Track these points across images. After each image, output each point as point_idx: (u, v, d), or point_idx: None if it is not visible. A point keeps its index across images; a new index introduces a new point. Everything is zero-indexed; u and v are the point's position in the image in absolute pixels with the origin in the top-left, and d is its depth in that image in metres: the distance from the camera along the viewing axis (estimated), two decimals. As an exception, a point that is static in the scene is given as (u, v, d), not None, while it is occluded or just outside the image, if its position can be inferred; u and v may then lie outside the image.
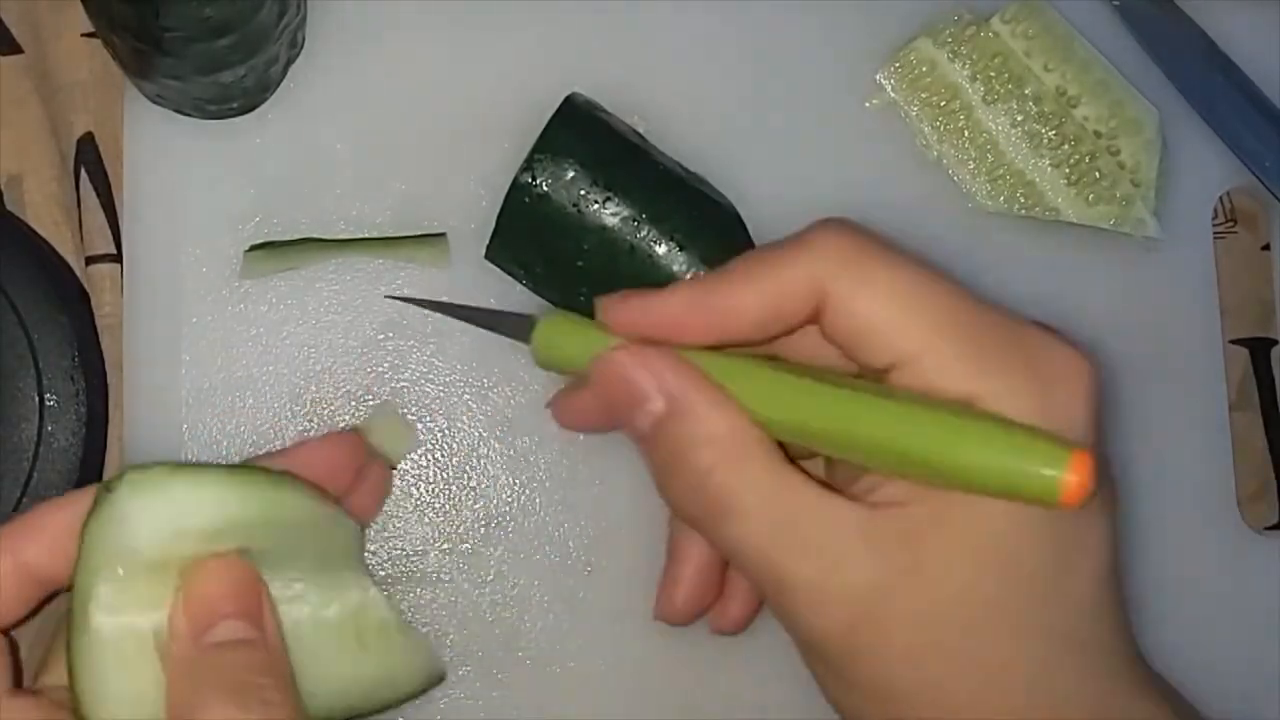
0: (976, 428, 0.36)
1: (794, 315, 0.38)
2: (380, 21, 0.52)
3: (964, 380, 0.36)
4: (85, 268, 0.51)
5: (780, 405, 0.38)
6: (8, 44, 0.53)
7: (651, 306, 0.39)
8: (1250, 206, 0.57)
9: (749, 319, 0.38)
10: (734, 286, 0.38)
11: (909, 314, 0.37)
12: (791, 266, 0.38)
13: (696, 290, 0.39)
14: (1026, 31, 0.53)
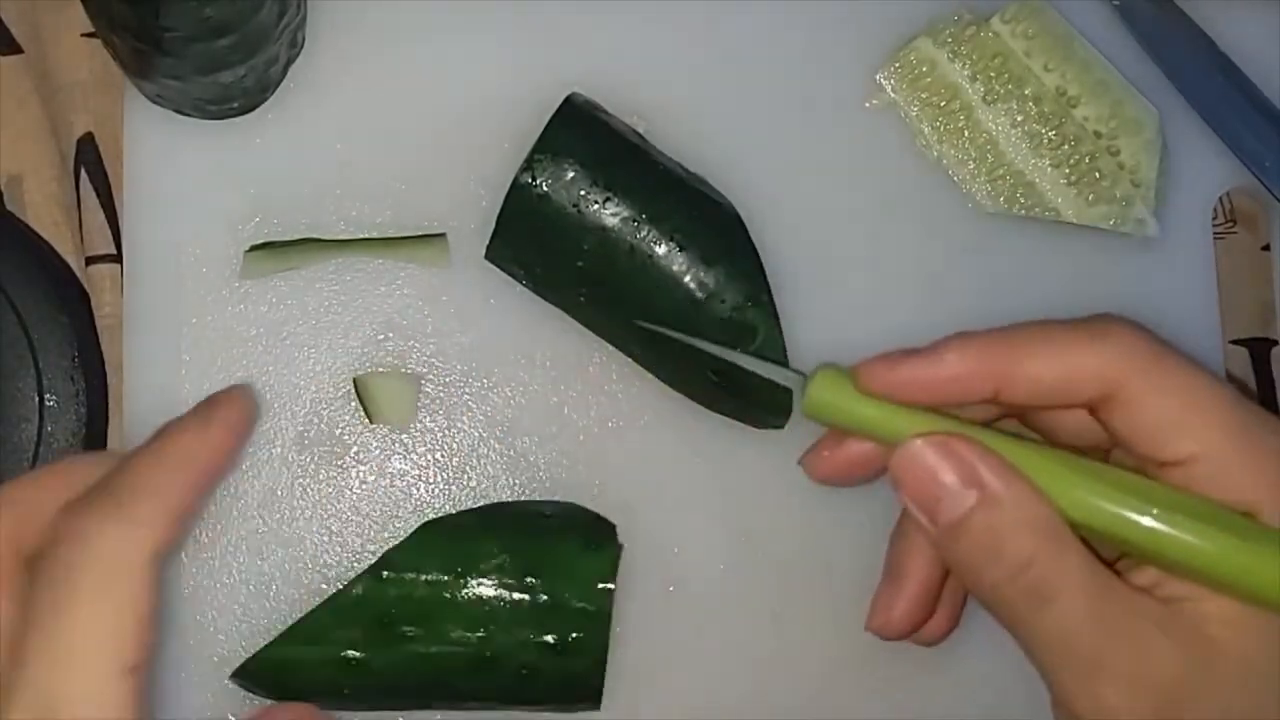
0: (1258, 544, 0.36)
1: (1077, 396, 0.39)
2: (380, 21, 0.52)
3: (1244, 489, 0.38)
4: (85, 268, 0.51)
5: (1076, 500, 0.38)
6: (8, 44, 0.53)
7: (935, 365, 0.39)
8: (1250, 206, 0.57)
9: (1033, 389, 0.39)
10: (1029, 354, 0.39)
11: (1200, 417, 0.38)
12: (1089, 351, 0.38)
13: (985, 349, 0.39)
14: (1026, 31, 0.53)
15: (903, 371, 0.39)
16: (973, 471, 0.38)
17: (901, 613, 0.43)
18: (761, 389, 0.49)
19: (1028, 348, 0.39)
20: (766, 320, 0.49)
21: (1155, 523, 0.37)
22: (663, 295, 0.48)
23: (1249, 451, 0.38)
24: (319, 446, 0.50)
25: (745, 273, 0.49)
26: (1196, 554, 0.37)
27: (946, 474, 0.38)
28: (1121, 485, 0.38)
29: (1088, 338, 0.39)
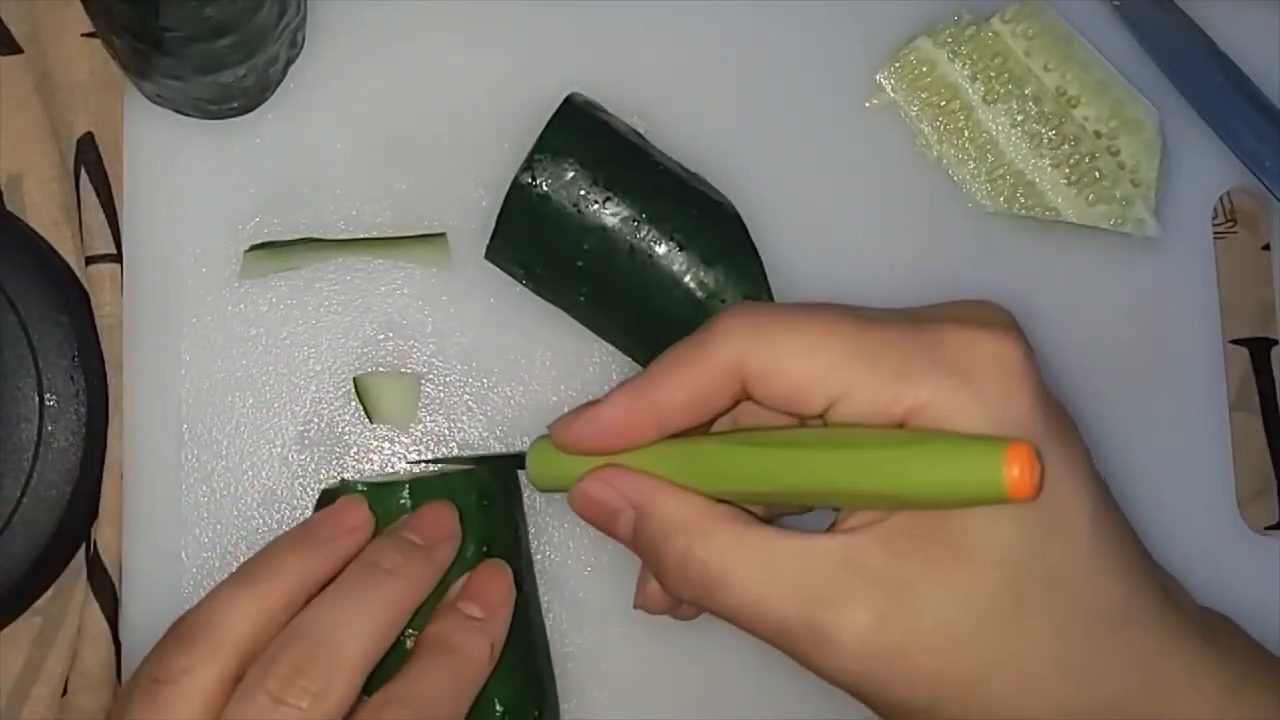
0: (910, 451, 0.36)
1: (722, 398, 0.40)
2: (380, 21, 0.52)
3: (893, 403, 0.38)
4: (85, 268, 0.51)
5: (731, 477, 0.40)
6: (8, 44, 0.53)
7: (595, 420, 0.41)
8: (1250, 206, 0.57)
9: (682, 410, 0.40)
10: (661, 385, 0.41)
11: (821, 362, 0.38)
12: (705, 356, 0.40)
13: (629, 395, 0.41)
14: (1026, 31, 0.53)
15: (576, 429, 0.42)
16: (624, 492, 0.41)
17: (653, 591, 0.45)
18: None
19: (662, 379, 0.41)
20: (766, 320, 0.49)
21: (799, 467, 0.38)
22: (663, 295, 0.48)
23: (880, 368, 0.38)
24: (319, 446, 0.50)
25: (745, 273, 0.49)
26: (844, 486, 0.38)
27: (607, 499, 0.41)
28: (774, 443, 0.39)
29: (700, 346, 0.40)
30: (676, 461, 0.41)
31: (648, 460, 0.41)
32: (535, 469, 0.45)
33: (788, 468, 0.39)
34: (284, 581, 0.41)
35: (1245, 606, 0.53)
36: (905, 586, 0.38)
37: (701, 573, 0.39)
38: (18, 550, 0.49)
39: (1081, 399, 0.53)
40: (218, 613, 0.40)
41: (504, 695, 0.45)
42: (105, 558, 0.50)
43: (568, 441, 0.42)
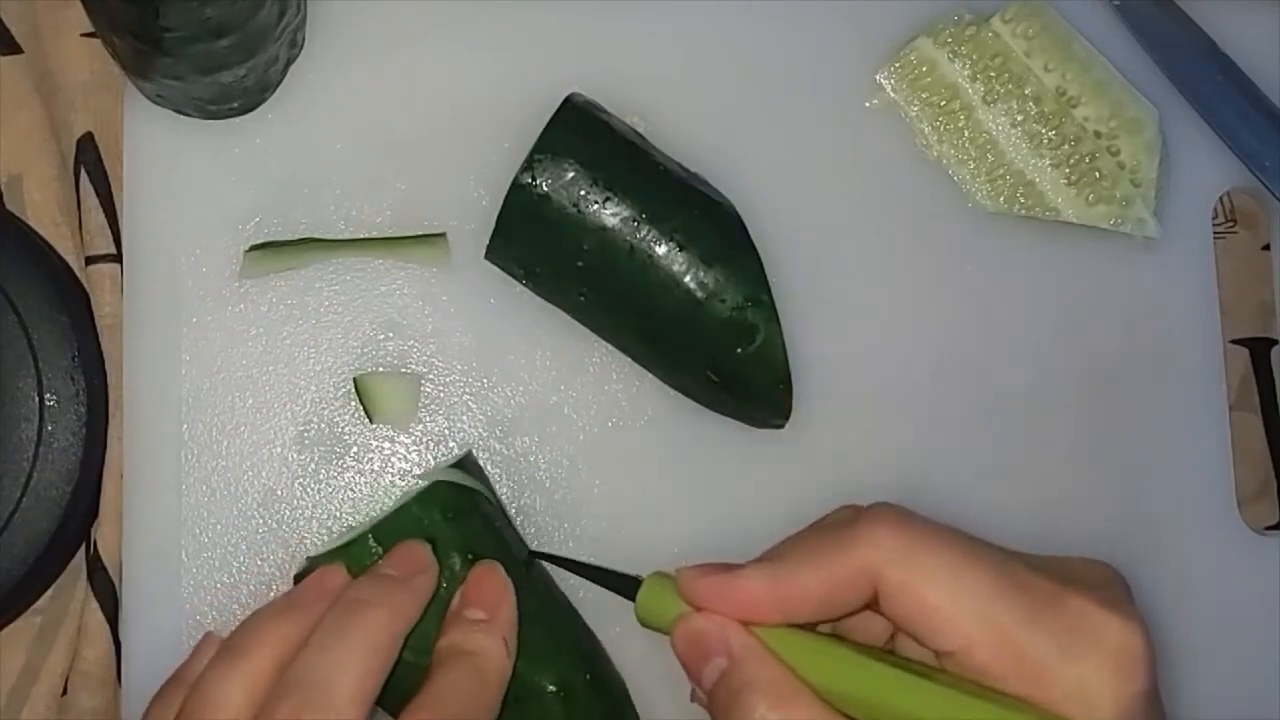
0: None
1: (852, 601, 0.41)
2: (380, 21, 0.52)
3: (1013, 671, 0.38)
4: (85, 268, 0.51)
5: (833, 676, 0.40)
6: (8, 44, 0.53)
7: (729, 589, 0.41)
8: (1250, 206, 0.57)
9: (812, 603, 0.41)
10: (797, 575, 0.41)
11: (955, 607, 0.39)
12: (849, 556, 0.40)
13: (765, 575, 0.41)
14: (1026, 31, 0.53)
15: (708, 591, 0.42)
16: (727, 643, 0.41)
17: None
18: (761, 389, 0.49)
19: (798, 568, 0.41)
20: (766, 320, 0.49)
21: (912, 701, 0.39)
22: (663, 295, 0.48)
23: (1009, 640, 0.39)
24: (319, 446, 0.50)
25: (745, 273, 0.49)
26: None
27: (711, 640, 0.41)
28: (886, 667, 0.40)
29: (842, 544, 0.40)
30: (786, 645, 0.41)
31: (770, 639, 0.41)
32: (646, 607, 0.44)
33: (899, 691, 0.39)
34: (271, 648, 0.42)
35: (1245, 606, 0.53)
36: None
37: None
38: (18, 550, 0.49)
39: (1082, 399, 0.53)
40: (212, 695, 0.41)
41: (550, 677, 0.46)
42: (105, 558, 0.50)
43: (690, 593, 0.42)
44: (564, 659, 0.47)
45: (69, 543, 0.50)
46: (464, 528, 0.47)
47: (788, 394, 0.50)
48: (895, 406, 0.52)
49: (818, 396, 0.51)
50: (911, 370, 0.52)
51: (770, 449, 0.51)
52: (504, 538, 0.48)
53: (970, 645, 0.39)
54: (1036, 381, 0.53)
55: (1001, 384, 0.53)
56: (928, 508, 0.51)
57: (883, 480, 0.51)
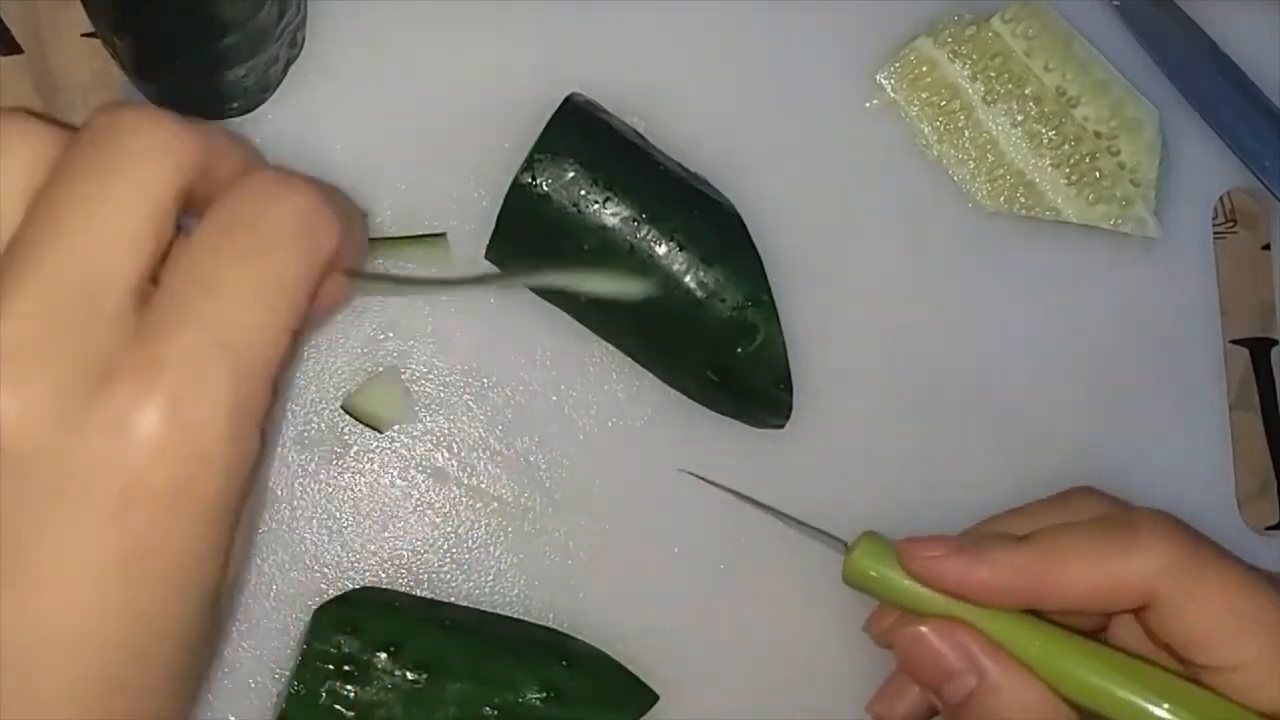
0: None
1: (1118, 606, 0.40)
2: (380, 21, 0.52)
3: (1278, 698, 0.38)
4: (85, 268, 0.51)
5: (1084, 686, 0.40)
6: (8, 44, 0.53)
7: (975, 570, 0.40)
8: (1250, 206, 0.57)
9: (1072, 601, 0.40)
10: (1067, 569, 0.40)
11: (1238, 629, 0.39)
12: (1125, 565, 0.39)
13: (1023, 561, 0.40)
14: (1026, 31, 0.53)
15: (947, 567, 0.40)
16: (974, 659, 0.40)
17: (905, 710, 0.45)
18: (761, 389, 0.49)
19: (1064, 563, 0.40)
20: (766, 320, 0.49)
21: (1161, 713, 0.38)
22: (663, 295, 0.48)
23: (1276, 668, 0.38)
24: (319, 446, 0.50)
25: (745, 273, 0.49)
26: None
27: (950, 659, 0.40)
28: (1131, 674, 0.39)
29: (1123, 549, 0.39)
30: (1031, 642, 0.40)
31: (997, 624, 0.40)
32: (858, 568, 0.43)
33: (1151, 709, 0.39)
34: None
35: (1245, 606, 0.53)
36: None
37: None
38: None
39: (1081, 399, 0.53)
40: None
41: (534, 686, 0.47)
42: (105, 558, 0.50)
43: (926, 574, 0.41)
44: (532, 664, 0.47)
45: (69, 543, 0.50)
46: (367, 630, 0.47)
47: (788, 394, 0.50)
48: (895, 406, 0.52)
49: (818, 396, 0.51)
50: (911, 370, 0.52)
51: (770, 449, 0.51)
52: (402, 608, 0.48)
53: (1245, 664, 0.38)
54: (1036, 381, 0.53)
55: (1001, 383, 0.53)
56: (928, 507, 0.51)
57: (883, 480, 0.51)
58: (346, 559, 0.50)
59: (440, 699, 0.46)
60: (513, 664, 0.47)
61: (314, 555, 0.49)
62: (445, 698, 0.46)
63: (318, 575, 0.49)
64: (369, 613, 0.47)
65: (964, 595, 0.41)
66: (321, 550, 0.50)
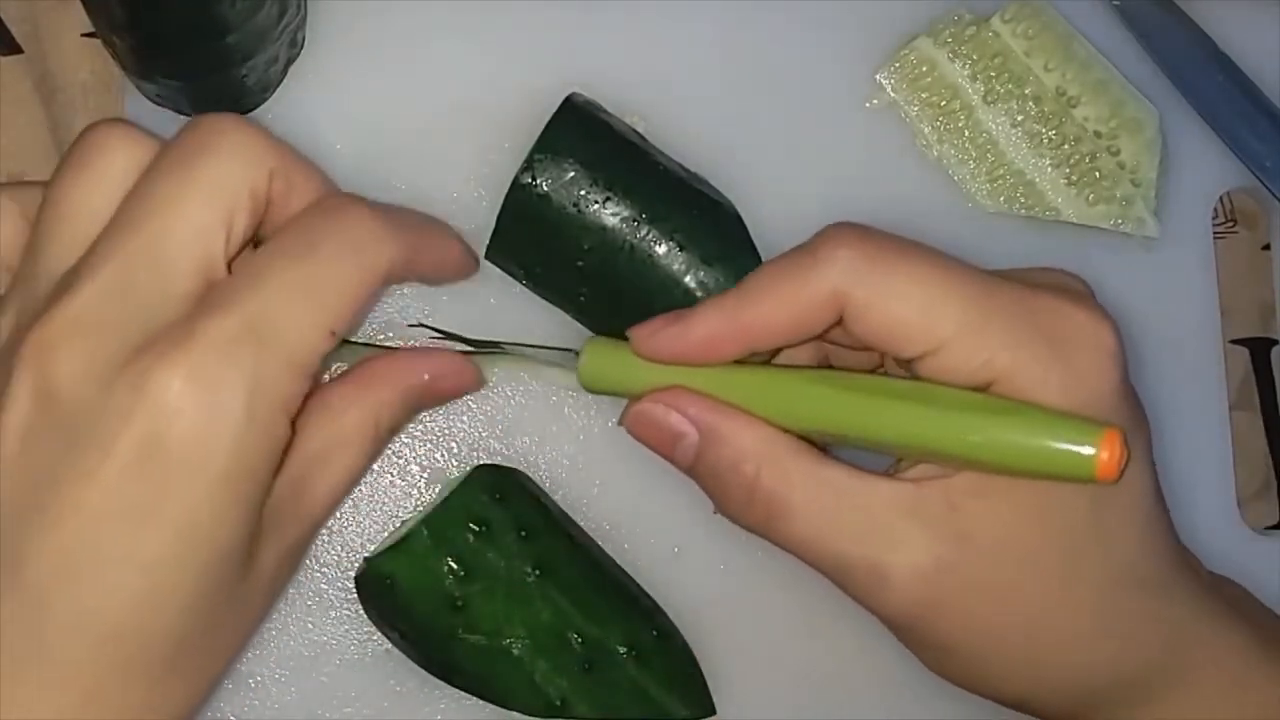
0: (1005, 421, 0.37)
1: (819, 324, 0.40)
2: (380, 21, 0.52)
3: (988, 365, 0.38)
4: (85, 268, 0.51)
5: (806, 415, 0.40)
6: (8, 44, 0.53)
7: (685, 334, 0.41)
8: (1250, 206, 0.57)
9: (777, 332, 0.41)
10: (760, 304, 0.40)
11: (928, 310, 0.39)
12: (812, 279, 0.40)
13: (724, 311, 0.41)
14: (1026, 31, 0.53)
15: (660, 341, 0.42)
16: (691, 416, 0.41)
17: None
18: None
19: (759, 297, 0.40)
20: (766, 320, 0.49)
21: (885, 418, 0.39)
22: (663, 295, 0.48)
23: (982, 329, 0.38)
24: (319, 446, 0.50)
25: (745, 273, 0.48)
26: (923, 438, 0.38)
27: (670, 423, 0.42)
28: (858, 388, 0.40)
29: (805, 268, 0.40)
30: (744, 387, 0.41)
31: (713, 383, 0.41)
32: (591, 370, 0.44)
33: (871, 416, 0.39)
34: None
35: (1245, 606, 0.53)
36: (965, 538, 0.39)
37: (767, 502, 0.40)
38: (18, 550, 0.49)
39: (1081, 399, 0.53)
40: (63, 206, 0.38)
41: (618, 639, 0.47)
42: (105, 557, 0.50)
43: (648, 350, 0.42)
44: (628, 619, 0.48)
45: (69, 543, 0.50)
46: (513, 506, 0.48)
47: (788, 394, 0.50)
48: (895, 406, 0.52)
49: (818, 396, 0.51)
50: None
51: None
52: (549, 509, 0.49)
53: (942, 345, 0.38)
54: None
55: (1001, 384, 0.53)
56: (928, 508, 0.51)
57: (883, 480, 0.51)
58: (346, 559, 0.49)
59: (539, 602, 0.47)
60: (614, 608, 0.48)
61: (314, 555, 0.49)
62: (543, 604, 0.47)
63: (318, 575, 0.49)
64: (519, 493, 0.48)
65: (685, 360, 0.41)
66: (321, 550, 0.49)
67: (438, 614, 0.46)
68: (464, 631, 0.46)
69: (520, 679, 0.46)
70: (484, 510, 0.47)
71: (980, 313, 0.39)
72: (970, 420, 0.37)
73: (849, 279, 0.39)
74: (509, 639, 0.46)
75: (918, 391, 0.39)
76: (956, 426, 0.38)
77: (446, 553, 0.47)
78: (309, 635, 0.49)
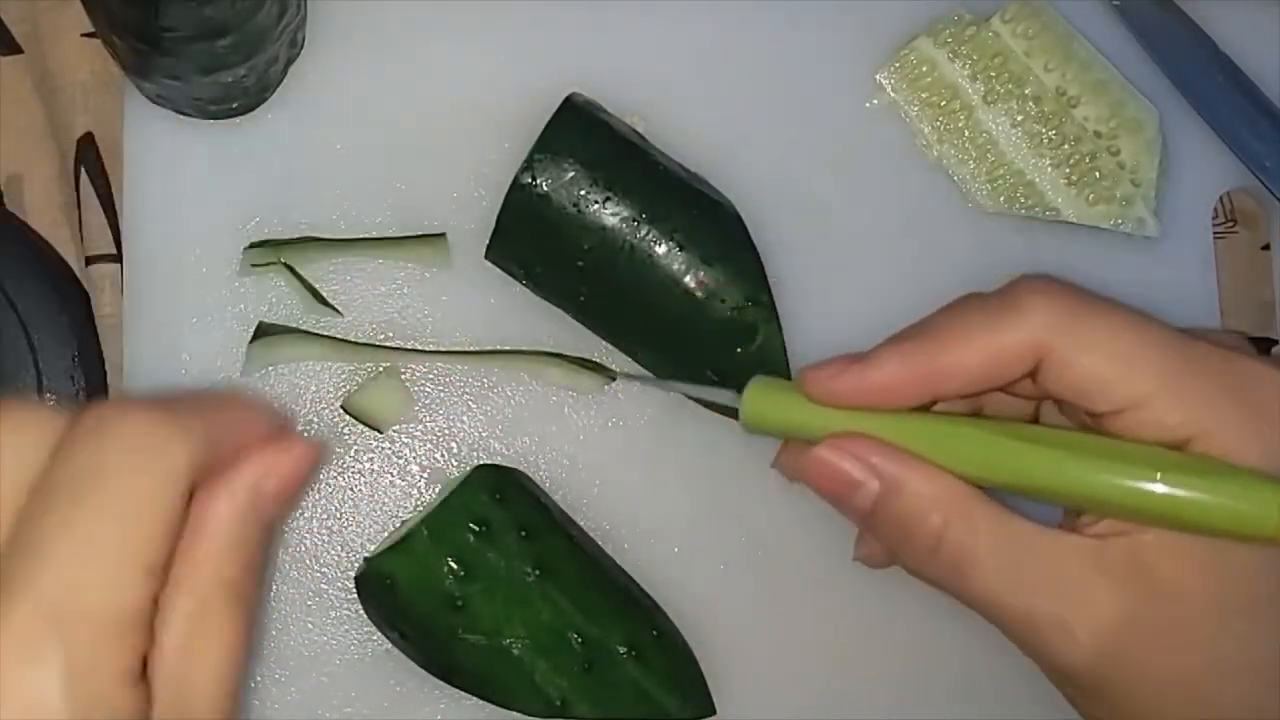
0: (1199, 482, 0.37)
1: (1013, 374, 0.40)
2: (380, 21, 0.52)
3: (1183, 424, 0.38)
4: (85, 268, 0.51)
5: (993, 467, 0.40)
6: (8, 44, 0.53)
7: (866, 376, 0.40)
8: (1250, 206, 0.57)
9: (967, 380, 0.40)
10: (953, 349, 0.40)
11: (1130, 367, 0.39)
12: (1010, 329, 0.39)
13: (911, 355, 0.40)
14: (1026, 31, 0.53)
15: (838, 384, 0.41)
16: (871, 465, 0.40)
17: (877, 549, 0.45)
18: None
19: (950, 343, 0.40)
20: (766, 320, 0.49)
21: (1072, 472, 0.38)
22: (663, 295, 0.48)
23: (1181, 388, 0.38)
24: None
25: (745, 273, 0.49)
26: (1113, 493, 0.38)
27: (850, 471, 0.40)
28: (1044, 441, 0.39)
29: (1003, 317, 0.40)
30: (923, 436, 0.40)
31: (891, 429, 0.40)
32: (755, 410, 0.43)
33: (1061, 470, 0.39)
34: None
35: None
36: (1151, 594, 0.39)
37: (954, 554, 0.40)
38: (18, 550, 0.49)
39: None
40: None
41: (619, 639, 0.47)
42: (105, 558, 0.50)
43: (824, 393, 0.41)
44: (629, 619, 0.48)
45: (69, 543, 0.50)
46: (513, 506, 0.48)
47: (788, 394, 0.50)
48: (895, 406, 0.52)
49: (818, 396, 0.51)
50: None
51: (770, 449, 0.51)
52: (550, 510, 0.49)
53: (1141, 402, 0.38)
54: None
55: (1001, 384, 0.53)
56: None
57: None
58: (346, 559, 0.50)
59: (539, 602, 0.47)
60: (614, 609, 0.48)
61: (314, 555, 0.49)
62: (543, 604, 0.47)
63: (318, 575, 0.49)
64: (518, 493, 0.48)
65: (864, 404, 0.41)
66: (321, 550, 0.50)
67: (438, 614, 0.46)
68: (464, 631, 0.46)
69: (520, 679, 0.46)
70: (484, 510, 0.47)
71: (1179, 371, 0.39)
72: (1165, 479, 0.37)
73: (1050, 330, 0.39)
74: (509, 639, 0.46)
75: (1107, 448, 0.39)
76: (1147, 484, 0.38)
77: (447, 553, 0.47)
78: (309, 635, 0.49)
